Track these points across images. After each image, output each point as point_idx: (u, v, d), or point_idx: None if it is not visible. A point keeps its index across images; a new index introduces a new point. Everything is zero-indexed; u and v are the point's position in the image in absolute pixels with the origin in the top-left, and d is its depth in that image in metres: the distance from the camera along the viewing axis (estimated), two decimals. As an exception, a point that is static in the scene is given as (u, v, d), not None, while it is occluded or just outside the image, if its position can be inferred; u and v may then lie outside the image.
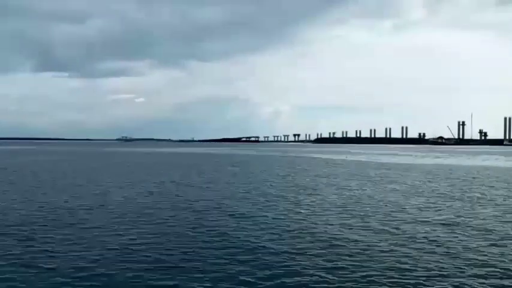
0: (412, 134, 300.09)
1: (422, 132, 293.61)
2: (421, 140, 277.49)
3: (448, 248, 10.90)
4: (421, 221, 14.45)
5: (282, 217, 15.09)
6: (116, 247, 10.84)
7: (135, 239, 11.70)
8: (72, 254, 10.22)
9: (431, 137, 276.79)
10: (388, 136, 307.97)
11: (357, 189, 23.45)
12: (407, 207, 17.47)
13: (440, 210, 16.78)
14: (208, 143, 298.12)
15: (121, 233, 12.47)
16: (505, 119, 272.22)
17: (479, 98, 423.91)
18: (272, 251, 10.58)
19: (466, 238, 11.95)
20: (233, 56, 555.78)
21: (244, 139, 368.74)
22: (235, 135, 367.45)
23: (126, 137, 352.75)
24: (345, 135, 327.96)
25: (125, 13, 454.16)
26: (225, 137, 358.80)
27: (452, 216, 15.26)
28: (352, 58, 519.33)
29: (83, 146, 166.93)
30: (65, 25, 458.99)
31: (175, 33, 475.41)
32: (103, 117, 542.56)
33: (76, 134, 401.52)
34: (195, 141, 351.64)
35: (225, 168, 41.31)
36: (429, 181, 28.85)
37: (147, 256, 10.13)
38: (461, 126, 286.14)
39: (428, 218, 15.02)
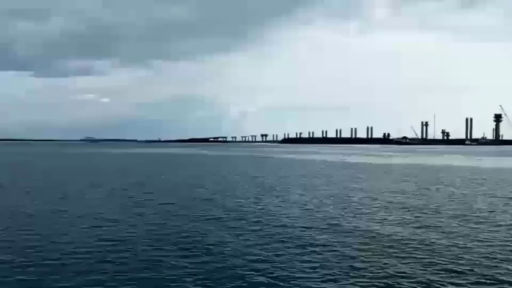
0: (377, 134, 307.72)
1: (387, 132, 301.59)
2: (385, 140, 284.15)
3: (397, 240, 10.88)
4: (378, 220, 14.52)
5: (249, 219, 14.74)
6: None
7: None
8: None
9: (396, 137, 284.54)
10: (353, 136, 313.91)
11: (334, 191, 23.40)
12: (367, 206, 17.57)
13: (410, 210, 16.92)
14: (175, 143, 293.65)
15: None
16: (466, 119, 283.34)
17: (442, 99, 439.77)
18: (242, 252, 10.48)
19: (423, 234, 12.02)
20: (200, 56, 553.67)
21: (212, 139, 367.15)
22: (203, 136, 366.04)
23: (90, 138, 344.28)
24: (311, 136, 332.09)
25: (89, 11, 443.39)
26: (193, 137, 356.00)
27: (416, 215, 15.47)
28: (318, 59, 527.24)
29: (44, 146, 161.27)
30: (27, 23, 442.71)
31: (141, 32, 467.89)
32: (67, 117, 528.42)
33: (39, 135, 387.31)
34: (162, 141, 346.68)
35: (190, 171, 40.59)
36: (395, 180, 29.27)
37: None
38: (424, 127, 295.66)
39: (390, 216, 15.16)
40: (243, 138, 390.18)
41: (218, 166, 46.28)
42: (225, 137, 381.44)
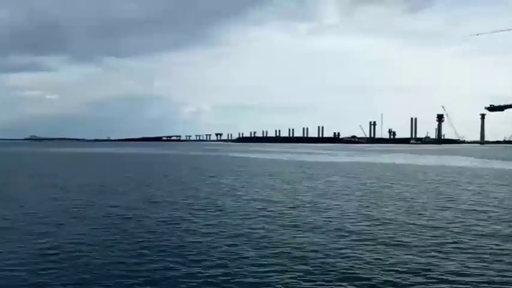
0: (328, 133, 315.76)
1: (337, 131, 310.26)
2: (336, 139, 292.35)
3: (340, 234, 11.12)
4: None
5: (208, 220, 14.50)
6: None
7: None
8: None
9: (346, 136, 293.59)
10: (305, 135, 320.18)
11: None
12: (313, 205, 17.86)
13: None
14: (125, 142, 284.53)
15: None
16: (411, 119, 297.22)
17: (389, 99, 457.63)
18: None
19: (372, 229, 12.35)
20: (152, 53, 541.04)
21: (165, 138, 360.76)
22: (156, 135, 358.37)
23: (35, 137, 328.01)
24: (265, 135, 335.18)
25: (38, 6, 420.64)
26: (145, 136, 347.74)
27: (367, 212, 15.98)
28: (270, 59, 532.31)
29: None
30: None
31: (91, 28, 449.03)
32: (10, 115, 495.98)
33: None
34: (111, 140, 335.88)
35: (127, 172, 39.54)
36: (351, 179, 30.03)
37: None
38: (372, 126, 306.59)
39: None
40: (197, 137, 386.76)
41: (166, 166, 45.55)
42: (179, 136, 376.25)
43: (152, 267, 9.34)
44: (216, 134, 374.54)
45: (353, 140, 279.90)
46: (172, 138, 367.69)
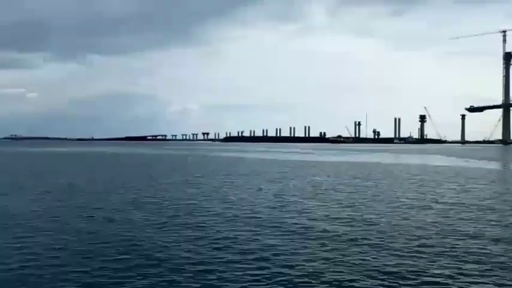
0: (314, 133, 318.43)
1: (323, 131, 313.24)
2: (322, 139, 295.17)
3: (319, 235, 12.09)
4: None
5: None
6: None
7: None
8: None
9: (332, 136, 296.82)
10: (292, 135, 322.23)
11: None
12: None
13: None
14: (109, 141, 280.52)
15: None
16: (395, 119, 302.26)
17: (373, 100, 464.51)
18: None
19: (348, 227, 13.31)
20: (138, 51, 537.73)
21: (150, 137, 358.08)
22: (141, 134, 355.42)
23: (15, 136, 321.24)
24: (252, 134, 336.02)
25: (20, 1, 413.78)
26: (129, 136, 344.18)
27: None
28: (258, 58, 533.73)
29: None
30: None
31: (74, 24, 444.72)
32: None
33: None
34: (95, 139, 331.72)
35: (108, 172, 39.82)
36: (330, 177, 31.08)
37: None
38: (357, 126, 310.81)
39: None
40: (184, 137, 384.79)
41: (150, 167, 45.92)
42: (165, 135, 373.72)
43: (129, 274, 8.94)
44: (203, 134, 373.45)
45: (339, 139, 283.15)
46: (158, 137, 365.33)
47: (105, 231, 12.65)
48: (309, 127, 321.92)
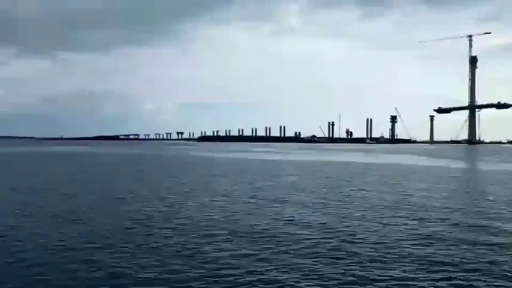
0: (290, 132, 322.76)
1: (298, 131, 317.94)
2: (297, 139, 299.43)
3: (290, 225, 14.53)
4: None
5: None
6: None
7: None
8: None
9: (306, 135, 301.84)
10: (267, 135, 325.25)
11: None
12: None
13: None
14: (79, 141, 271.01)
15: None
16: (367, 120, 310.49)
17: (346, 100, 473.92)
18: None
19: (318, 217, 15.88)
20: (111, 49, 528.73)
21: (122, 137, 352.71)
22: (113, 133, 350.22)
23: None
24: (228, 134, 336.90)
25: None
26: (101, 135, 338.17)
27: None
28: (233, 58, 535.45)
29: None
30: None
31: (44, 20, 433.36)
32: None
33: None
34: (65, 139, 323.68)
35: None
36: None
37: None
38: (331, 126, 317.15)
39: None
40: (157, 136, 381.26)
41: (122, 166, 46.58)
42: (137, 135, 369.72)
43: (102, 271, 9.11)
44: (177, 133, 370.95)
45: (313, 139, 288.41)
46: (131, 136, 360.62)
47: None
48: (284, 127, 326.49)
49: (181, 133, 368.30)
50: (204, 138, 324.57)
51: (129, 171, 36.22)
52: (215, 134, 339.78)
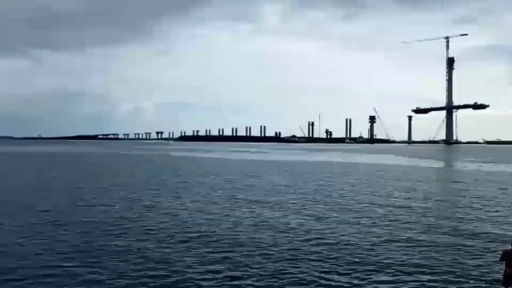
0: (270, 132, 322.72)
1: (278, 131, 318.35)
2: (277, 138, 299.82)
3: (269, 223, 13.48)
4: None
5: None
6: None
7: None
8: None
9: (286, 135, 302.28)
10: (248, 135, 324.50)
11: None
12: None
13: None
14: (57, 140, 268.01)
15: None
16: (346, 120, 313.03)
17: (326, 100, 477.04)
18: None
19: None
20: (89, 48, 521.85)
21: (101, 136, 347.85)
22: (91, 132, 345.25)
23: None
24: (208, 134, 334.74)
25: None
26: (80, 134, 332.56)
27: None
28: (212, 58, 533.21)
29: None
30: None
31: (19, 18, 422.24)
32: None
33: None
34: (43, 138, 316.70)
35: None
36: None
37: None
38: (311, 126, 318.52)
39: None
40: (136, 136, 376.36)
41: (101, 166, 45.69)
42: (117, 134, 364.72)
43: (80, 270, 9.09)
44: (157, 133, 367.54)
45: (293, 139, 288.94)
46: (109, 136, 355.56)
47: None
48: (264, 127, 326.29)
49: (161, 133, 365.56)
50: (183, 138, 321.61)
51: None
52: (195, 134, 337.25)
